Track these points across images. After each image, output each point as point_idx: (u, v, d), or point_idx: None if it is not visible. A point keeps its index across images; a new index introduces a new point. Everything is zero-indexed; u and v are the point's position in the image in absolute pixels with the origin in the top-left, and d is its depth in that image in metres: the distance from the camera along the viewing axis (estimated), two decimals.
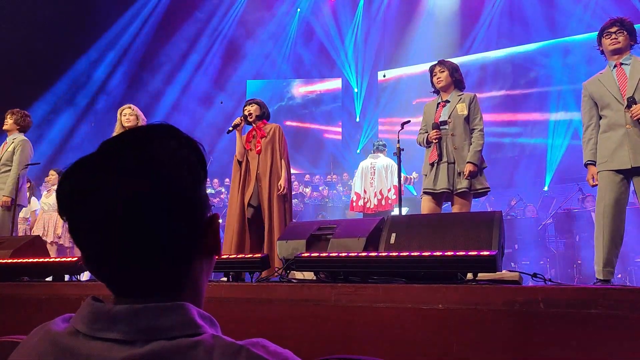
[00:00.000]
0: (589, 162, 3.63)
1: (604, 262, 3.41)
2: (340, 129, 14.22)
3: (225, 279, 2.64)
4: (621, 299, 1.41)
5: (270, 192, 4.38)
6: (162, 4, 12.96)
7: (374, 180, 6.77)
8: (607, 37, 3.62)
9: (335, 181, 12.18)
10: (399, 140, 4.14)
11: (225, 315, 2.07)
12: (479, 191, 3.96)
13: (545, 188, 10.69)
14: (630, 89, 3.46)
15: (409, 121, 4.18)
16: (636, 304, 1.39)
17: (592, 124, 3.66)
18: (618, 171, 3.46)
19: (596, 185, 3.57)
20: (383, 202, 6.65)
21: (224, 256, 2.65)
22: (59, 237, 7.15)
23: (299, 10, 14.26)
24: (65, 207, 0.68)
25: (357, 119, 14.02)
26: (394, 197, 6.49)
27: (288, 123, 13.73)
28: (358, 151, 13.67)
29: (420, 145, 4.23)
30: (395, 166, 6.57)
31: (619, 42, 3.57)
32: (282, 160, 4.51)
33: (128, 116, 4.86)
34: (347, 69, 14.13)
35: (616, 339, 1.41)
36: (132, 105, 4.99)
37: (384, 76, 12.91)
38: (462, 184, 3.90)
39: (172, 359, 0.61)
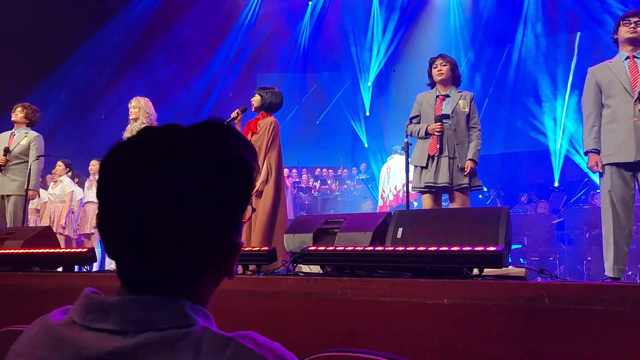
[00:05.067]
0: (592, 150, 3.53)
1: (614, 260, 3.32)
2: (351, 123, 14.19)
3: None
4: (625, 296, 1.41)
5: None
6: None
7: (390, 178, 7.63)
8: (626, 24, 3.53)
9: (346, 175, 12.17)
10: (407, 135, 4.14)
11: (231, 307, 2.09)
12: (476, 188, 4.04)
13: (556, 184, 10.62)
14: None
15: (417, 116, 4.16)
16: (638, 301, 1.38)
17: (596, 111, 3.56)
18: (624, 165, 3.39)
19: (600, 171, 3.49)
20: (400, 195, 7.29)
21: None
22: (64, 228, 7.22)
23: (310, 2, 14.22)
24: (105, 188, 0.70)
25: (368, 113, 13.99)
26: (412, 191, 6.75)
27: (297, 117, 13.71)
28: (366, 145, 13.66)
29: (410, 135, 4.19)
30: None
31: (637, 32, 3.48)
32: (266, 159, 4.44)
33: (131, 109, 4.90)
34: (360, 62, 14.07)
35: (620, 336, 1.41)
36: (138, 98, 5.00)
37: (394, 70, 12.86)
38: (463, 180, 3.96)
39: (161, 349, 0.63)
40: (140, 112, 4.88)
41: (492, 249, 1.90)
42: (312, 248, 2.33)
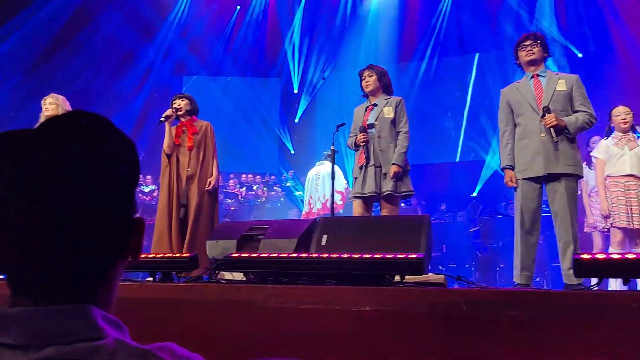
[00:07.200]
0: (507, 166, 3.79)
1: (522, 267, 3.60)
2: (278, 129, 14.17)
3: (150, 278, 2.55)
4: (535, 302, 1.49)
5: (199, 190, 4.35)
6: None
7: (319, 186, 7.33)
8: (522, 49, 3.85)
9: (274, 181, 12.12)
10: (333, 143, 4.18)
11: (151, 316, 2.00)
12: (404, 194, 4.03)
13: (475, 194, 11.09)
14: (545, 99, 3.67)
15: (344, 124, 4.22)
16: (549, 306, 1.47)
17: (509, 130, 3.84)
18: (534, 179, 3.65)
19: (515, 187, 3.74)
20: (328, 205, 6.98)
21: (151, 255, 2.56)
22: None
23: (238, 7, 14.09)
24: None
25: (297, 120, 14.03)
26: (340, 202, 6.79)
27: (225, 121, 13.50)
28: (292, 152, 13.70)
29: (349, 148, 4.30)
30: (339, 172, 6.89)
31: (534, 54, 3.79)
32: (214, 159, 4.51)
33: (47, 105, 4.68)
34: (287, 69, 14.11)
35: (530, 339, 1.48)
36: (54, 95, 4.78)
37: (324, 78, 12.99)
38: (388, 186, 3.96)
39: None
40: (58, 109, 4.65)
41: (413, 256, 1.95)
42: (236, 255, 2.29)
